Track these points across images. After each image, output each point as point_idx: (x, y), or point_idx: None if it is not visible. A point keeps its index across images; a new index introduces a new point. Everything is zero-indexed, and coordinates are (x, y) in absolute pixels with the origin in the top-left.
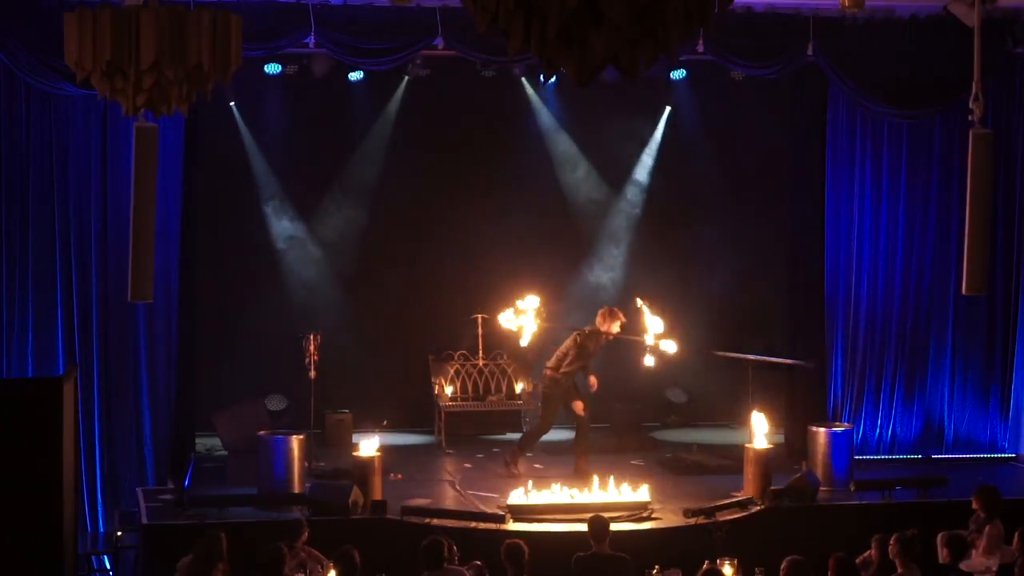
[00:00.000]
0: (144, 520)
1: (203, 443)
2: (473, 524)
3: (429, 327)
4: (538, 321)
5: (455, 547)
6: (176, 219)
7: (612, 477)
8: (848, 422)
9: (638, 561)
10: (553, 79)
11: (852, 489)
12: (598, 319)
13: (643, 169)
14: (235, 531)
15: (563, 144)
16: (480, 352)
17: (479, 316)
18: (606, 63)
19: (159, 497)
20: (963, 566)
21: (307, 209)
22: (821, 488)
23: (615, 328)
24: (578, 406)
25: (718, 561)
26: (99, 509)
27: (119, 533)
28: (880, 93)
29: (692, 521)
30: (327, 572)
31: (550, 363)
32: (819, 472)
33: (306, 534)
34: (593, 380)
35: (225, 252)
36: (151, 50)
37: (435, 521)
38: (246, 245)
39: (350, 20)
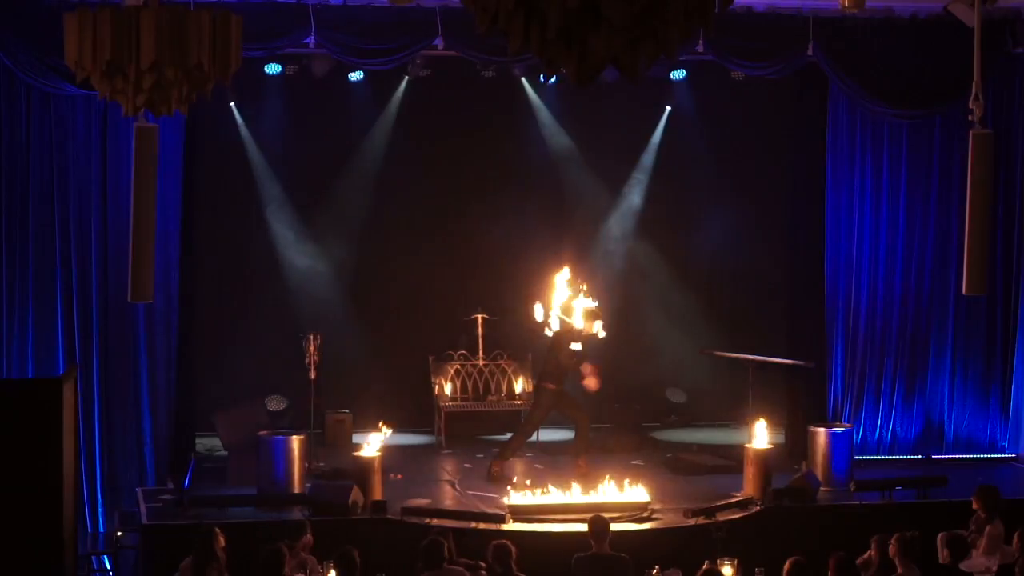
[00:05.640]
0: (144, 520)
1: (203, 443)
2: (473, 524)
3: (429, 327)
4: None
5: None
6: (176, 219)
7: (627, 479)
8: (848, 422)
9: (638, 561)
10: (553, 79)
11: (852, 489)
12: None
13: (643, 169)
14: (235, 531)
15: (563, 144)
16: (480, 352)
17: (479, 316)
18: (606, 63)
19: (159, 497)
20: (963, 566)
21: (307, 209)
22: (821, 488)
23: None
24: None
25: (718, 561)
26: (99, 509)
27: (119, 533)
28: (880, 93)
29: (692, 521)
30: (327, 572)
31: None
32: (819, 472)
33: (310, 538)
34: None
35: (225, 252)
36: (151, 50)
37: (435, 521)
38: (246, 245)
39: (350, 20)
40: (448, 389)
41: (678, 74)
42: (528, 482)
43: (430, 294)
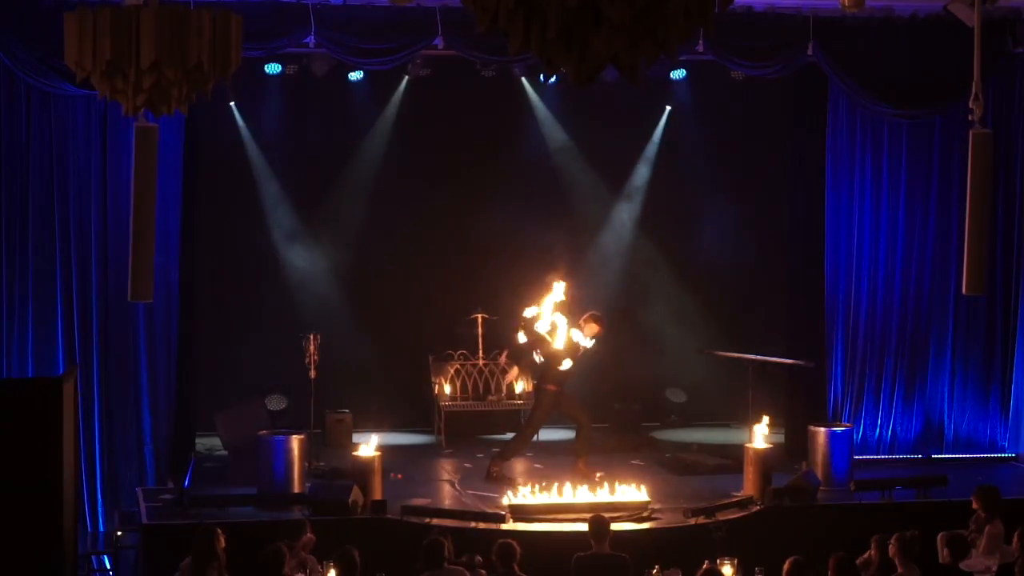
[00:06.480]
0: (144, 520)
1: (203, 443)
2: (473, 524)
3: (429, 327)
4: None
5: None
6: (176, 219)
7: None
8: (848, 422)
9: (638, 561)
10: (553, 79)
11: (852, 489)
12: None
13: (643, 169)
14: (235, 531)
15: (562, 144)
16: (480, 352)
17: (479, 316)
18: (606, 63)
19: (159, 497)
20: (963, 566)
21: (307, 209)
22: (821, 488)
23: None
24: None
25: (718, 561)
26: (99, 509)
27: (119, 533)
28: (880, 93)
29: (692, 521)
30: (327, 572)
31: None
32: (819, 472)
33: (312, 537)
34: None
35: (225, 252)
36: (151, 50)
37: (435, 521)
38: (246, 245)
39: (350, 20)
40: (448, 389)
41: (678, 74)
42: (522, 482)
43: (430, 294)
